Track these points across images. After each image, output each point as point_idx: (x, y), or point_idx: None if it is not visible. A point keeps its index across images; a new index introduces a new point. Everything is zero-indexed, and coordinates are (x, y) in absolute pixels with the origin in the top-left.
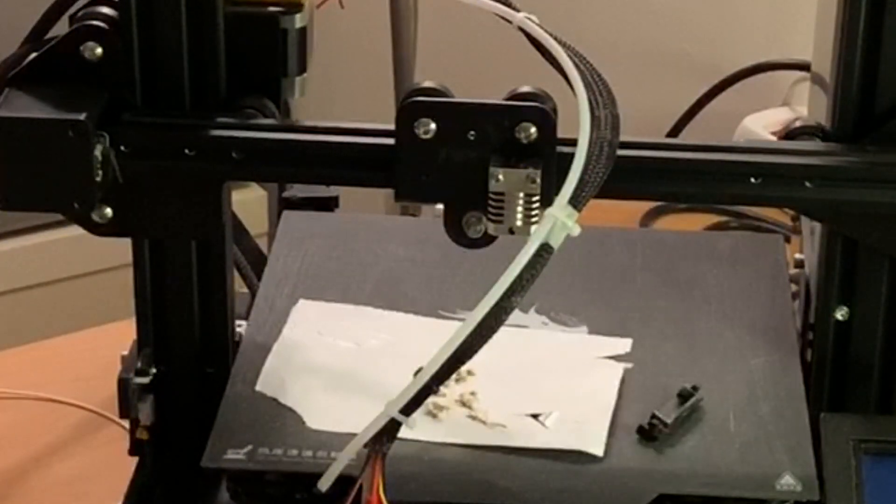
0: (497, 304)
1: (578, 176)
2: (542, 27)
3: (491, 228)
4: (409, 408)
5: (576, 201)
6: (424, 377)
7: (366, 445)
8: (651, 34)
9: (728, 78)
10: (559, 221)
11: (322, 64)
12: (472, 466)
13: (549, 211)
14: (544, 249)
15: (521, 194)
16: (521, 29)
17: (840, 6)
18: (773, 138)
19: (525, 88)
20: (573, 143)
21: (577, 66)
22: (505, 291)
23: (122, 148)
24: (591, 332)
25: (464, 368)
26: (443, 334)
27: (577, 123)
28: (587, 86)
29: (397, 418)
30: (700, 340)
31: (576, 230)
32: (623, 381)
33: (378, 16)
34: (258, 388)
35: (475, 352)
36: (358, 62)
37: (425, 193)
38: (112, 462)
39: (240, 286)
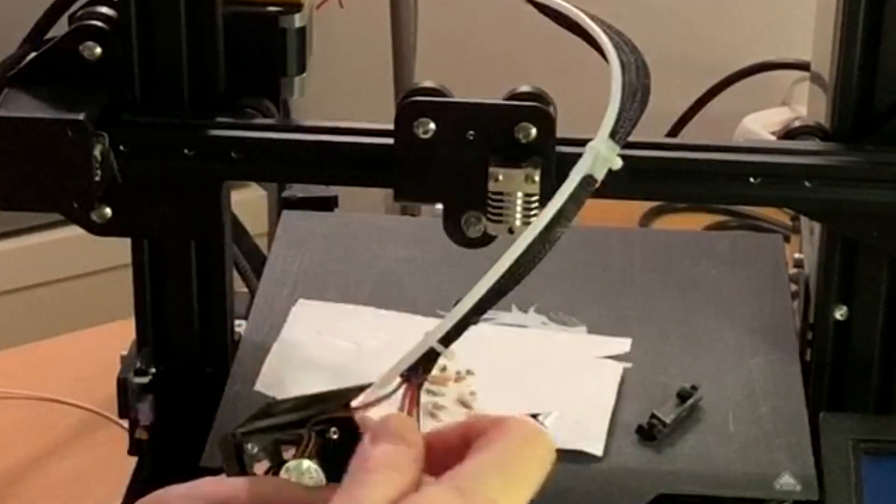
0: (541, 234)
1: (617, 109)
2: None
3: (490, 228)
4: (449, 338)
5: (617, 135)
6: (465, 307)
7: (402, 375)
8: (651, 34)
9: (728, 78)
10: (601, 154)
11: (322, 64)
12: None
13: (591, 144)
14: (587, 181)
15: (521, 194)
16: (529, 0)
17: (839, 6)
18: (773, 138)
19: (525, 88)
20: (573, 142)
21: (592, 19)
22: (549, 221)
23: (122, 148)
24: (590, 331)
25: (463, 368)
26: None
27: (608, 71)
28: (608, 36)
29: (436, 348)
30: (699, 340)
31: (617, 163)
32: (622, 381)
33: (378, 16)
34: (257, 387)
35: (517, 283)
36: (358, 62)
37: (424, 193)
38: (111, 462)
39: (239, 286)
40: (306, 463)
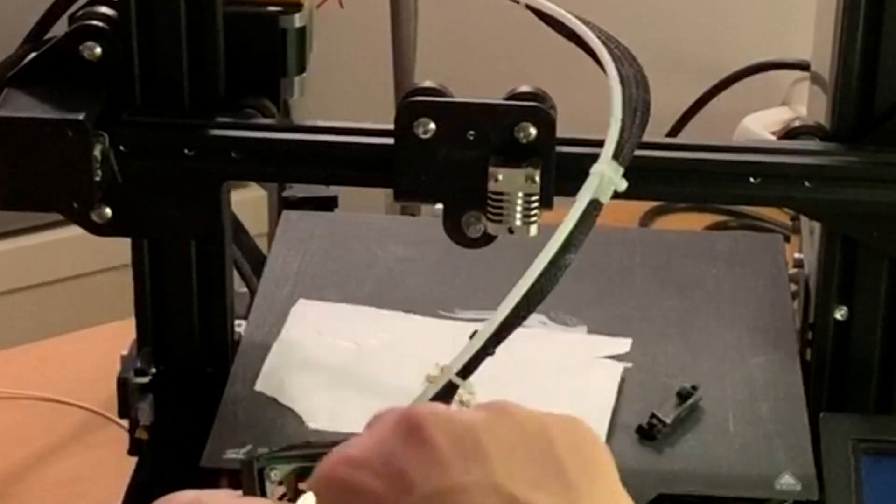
0: (551, 262)
1: (618, 128)
2: (548, 3)
3: (490, 228)
4: (467, 371)
5: (620, 156)
6: (481, 339)
7: None
8: (651, 34)
9: (728, 78)
10: (606, 177)
11: (322, 64)
12: None
13: (595, 167)
14: (593, 206)
15: (521, 194)
16: (528, 6)
17: (839, 6)
18: (773, 138)
19: (525, 88)
20: (573, 142)
21: (592, 29)
22: (558, 249)
23: (122, 148)
24: (590, 331)
25: None
26: (442, 334)
27: (608, 86)
28: (608, 48)
29: (454, 381)
30: (699, 340)
31: (623, 185)
32: (622, 381)
33: (378, 16)
34: (257, 387)
35: (530, 312)
36: (358, 62)
37: (424, 193)
38: (112, 462)
39: (240, 286)
40: None
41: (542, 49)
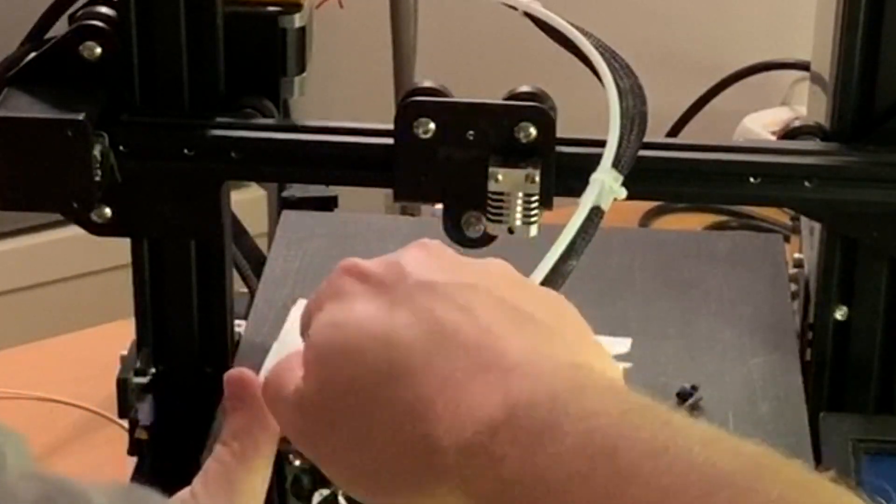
0: (553, 270)
1: (617, 137)
2: (547, 11)
3: (490, 228)
4: None
5: (619, 164)
6: None
7: None
8: (651, 34)
9: (728, 78)
10: (606, 185)
11: (322, 64)
12: None
13: (595, 175)
14: (595, 213)
15: (521, 194)
16: (527, 14)
17: (839, 6)
18: (773, 138)
19: (524, 88)
20: (573, 142)
21: (591, 41)
22: (560, 256)
23: (122, 148)
24: None
25: None
26: None
27: (606, 97)
28: (605, 59)
29: None
30: (699, 340)
31: (622, 193)
32: (622, 381)
33: (378, 16)
34: None
35: None
36: (358, 62)
37: (424, 193)
38: (111, 462)
39: (239, 286)
40: None
41: (542, 49)
